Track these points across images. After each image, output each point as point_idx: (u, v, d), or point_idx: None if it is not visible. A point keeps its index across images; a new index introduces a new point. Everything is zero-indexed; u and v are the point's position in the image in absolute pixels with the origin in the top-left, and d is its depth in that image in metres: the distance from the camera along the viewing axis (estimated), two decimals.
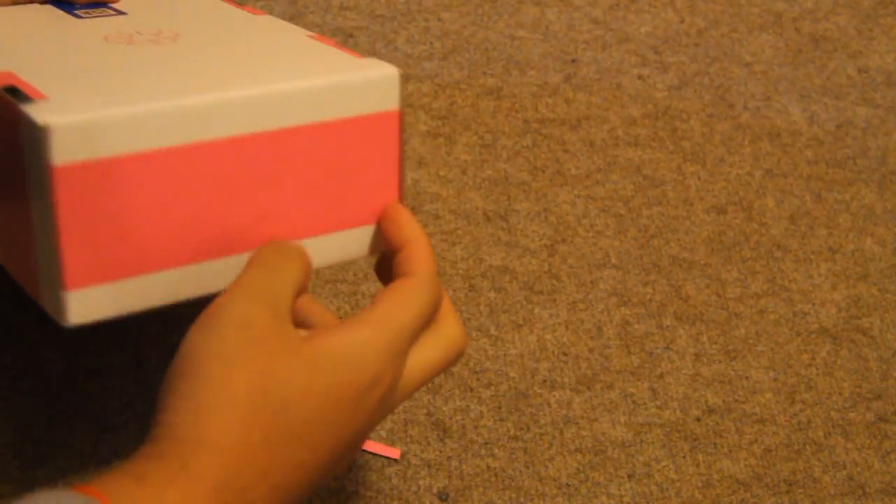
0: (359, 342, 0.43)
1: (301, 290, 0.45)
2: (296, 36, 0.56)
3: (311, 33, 0.57)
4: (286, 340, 0.41)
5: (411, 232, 0.49)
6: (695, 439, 0.66)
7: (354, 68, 0.50)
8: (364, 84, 0.50)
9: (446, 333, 0.48)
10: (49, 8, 0.60)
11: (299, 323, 0.48)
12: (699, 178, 0.77)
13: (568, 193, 0.74)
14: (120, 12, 0.60)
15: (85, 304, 0.45)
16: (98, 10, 0.60)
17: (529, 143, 0.76)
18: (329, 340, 0.42)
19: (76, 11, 0.59)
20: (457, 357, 0.48)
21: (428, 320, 0.47)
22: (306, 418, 0.40)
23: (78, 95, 0.45)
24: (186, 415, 0.39)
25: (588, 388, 0.67)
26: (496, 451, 0.64)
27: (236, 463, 0.38)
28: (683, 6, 0.86)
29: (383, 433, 0.62)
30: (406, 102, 0.77)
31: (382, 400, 0.44)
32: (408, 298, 0.46)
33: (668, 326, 0.70)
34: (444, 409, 0.64)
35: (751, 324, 0.71)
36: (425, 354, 0.47)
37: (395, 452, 0.56)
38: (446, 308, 0.49)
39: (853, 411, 0.69)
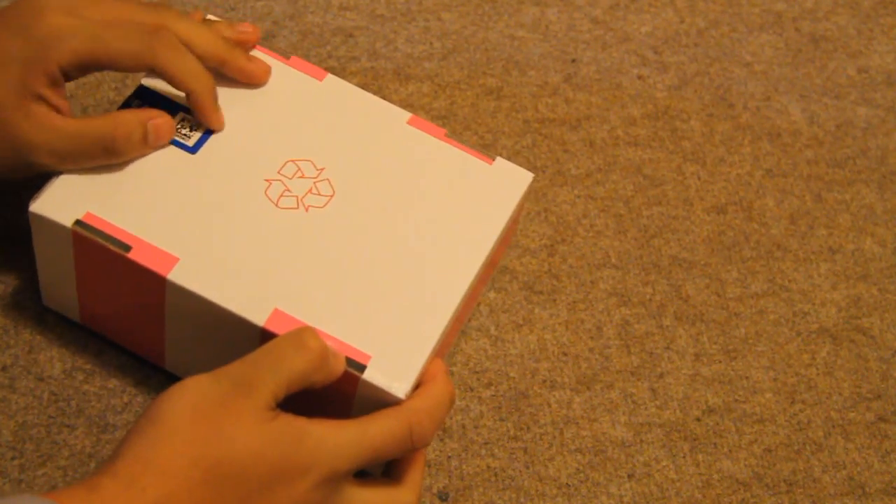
0: (316, 433, 0.48)
1: (306, 384, 0.50)
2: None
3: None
4: (240, 411, 0.47)
5: (433, 371, 0.55)
6: (695, 439, 0.66)
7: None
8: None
9: (398, 498, 0.52)
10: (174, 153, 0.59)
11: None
12: (699, 178, 0.77)
13: (568, 193, 0.74)
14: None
15: None
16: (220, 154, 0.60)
17: (529, 143, 0.76)
18: (291, 420, 0.48)
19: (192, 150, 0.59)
20: None
21: (394, 449, 0.51)
22: (244, 475, 0.47)
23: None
24: (142, 446, 0.46)
25: (588, 388, 0.67)
26: (496, 451, 0.64)
27: (176, 488, 0.46)
28: (683, 6, 0.86)
29: None
30: (406, 102, 0.77)
31: (315, 490, 0.48)
32: (383, 421, 0.50)
33: (668, 326, 0.70)
34: None
35: (751, 324, 0.71)
36: (366, 496, 0.51)
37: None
38: (414, 470, 0.53)
39: (853, 411, 0.69)
